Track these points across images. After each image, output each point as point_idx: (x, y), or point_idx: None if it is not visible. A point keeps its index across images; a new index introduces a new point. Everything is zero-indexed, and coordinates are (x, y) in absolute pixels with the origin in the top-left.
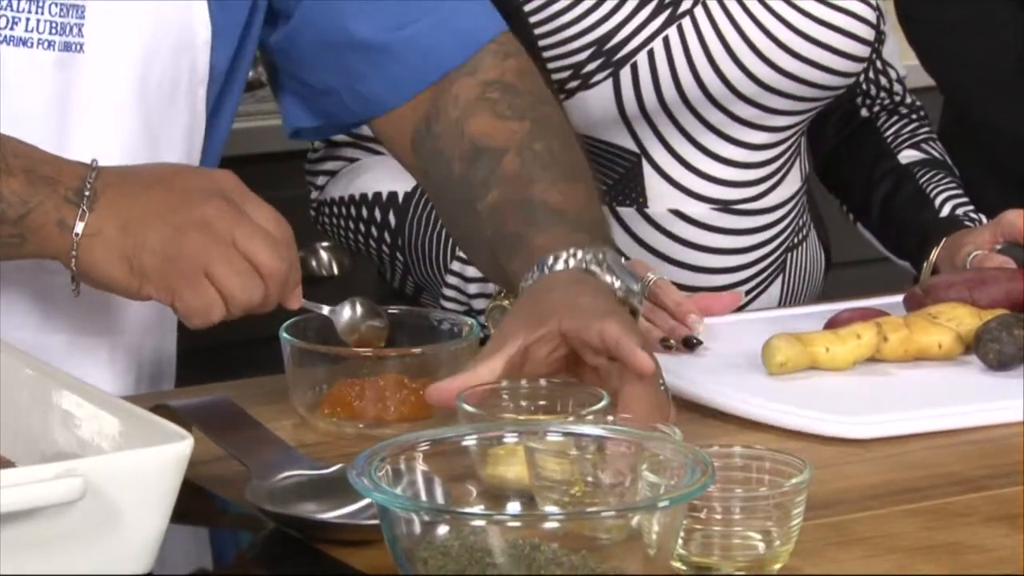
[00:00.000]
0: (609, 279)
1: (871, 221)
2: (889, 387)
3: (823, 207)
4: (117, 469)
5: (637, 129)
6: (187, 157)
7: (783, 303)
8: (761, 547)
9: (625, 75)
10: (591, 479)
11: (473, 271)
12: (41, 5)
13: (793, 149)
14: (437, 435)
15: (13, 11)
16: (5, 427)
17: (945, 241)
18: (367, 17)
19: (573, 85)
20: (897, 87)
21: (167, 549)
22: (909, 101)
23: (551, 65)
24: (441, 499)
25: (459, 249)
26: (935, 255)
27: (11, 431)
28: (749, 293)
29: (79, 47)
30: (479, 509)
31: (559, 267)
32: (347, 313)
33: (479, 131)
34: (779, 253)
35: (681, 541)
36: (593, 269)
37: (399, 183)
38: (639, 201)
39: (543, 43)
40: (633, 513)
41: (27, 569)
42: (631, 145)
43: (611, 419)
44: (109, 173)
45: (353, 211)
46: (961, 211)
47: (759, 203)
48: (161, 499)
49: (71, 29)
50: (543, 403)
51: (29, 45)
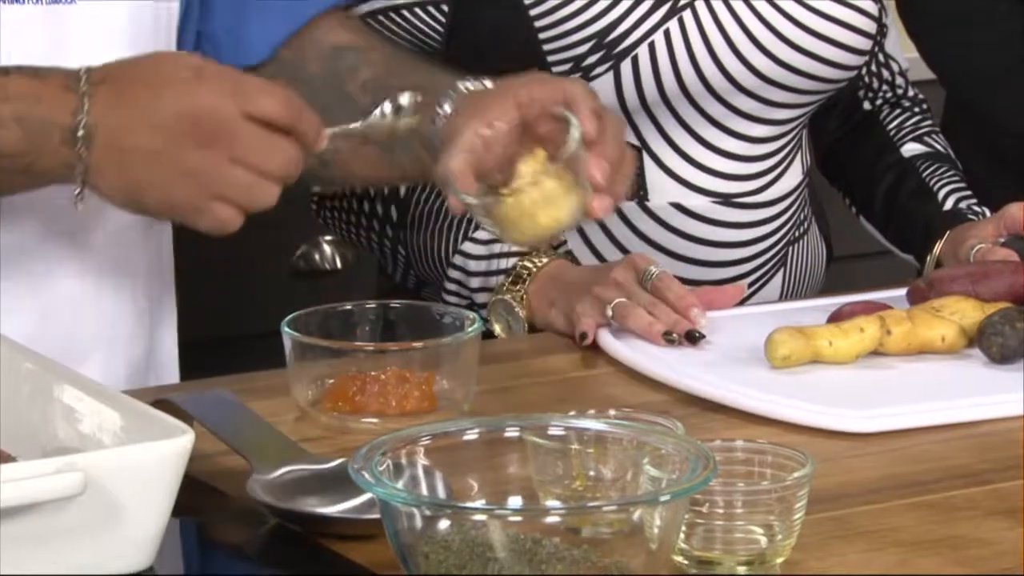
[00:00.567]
0: None
1: (874, 215)
2: (892, 381)
3: (825, 200)
4: (118, 464)
5: (638, 122)
6: None
7: (784, 297)
8: (763, 541)
9: (626, 68)
10: (593, 473)
11: (475, 265)
12: None
13: (794, 142)
14: (438, 429)
15: None
16: (5, 421)
17: (948, 234)
18: None
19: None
20: (900, 80)
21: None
22: (912, 94)
23: (552, 58)
24: (442, 494)
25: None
26: (938, 248)
27: (11, 425)
28: (750, 287)
29: None
30: (480, 504)
31: (474, 87)
32: (377, 116)
33: (339, 39)
34: (781, 246)
35: (683, 535)
36: None
37: None
38: (640, 194)
39: (544, 36)
40: (635, 507)
41: (28, 564)
42: (631, 138)
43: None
44: (99, 102)
45: (355, 205)
46: (964, 204)
47: (760, 196)
48: (162, 494)
49: None
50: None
51: (20, 1)
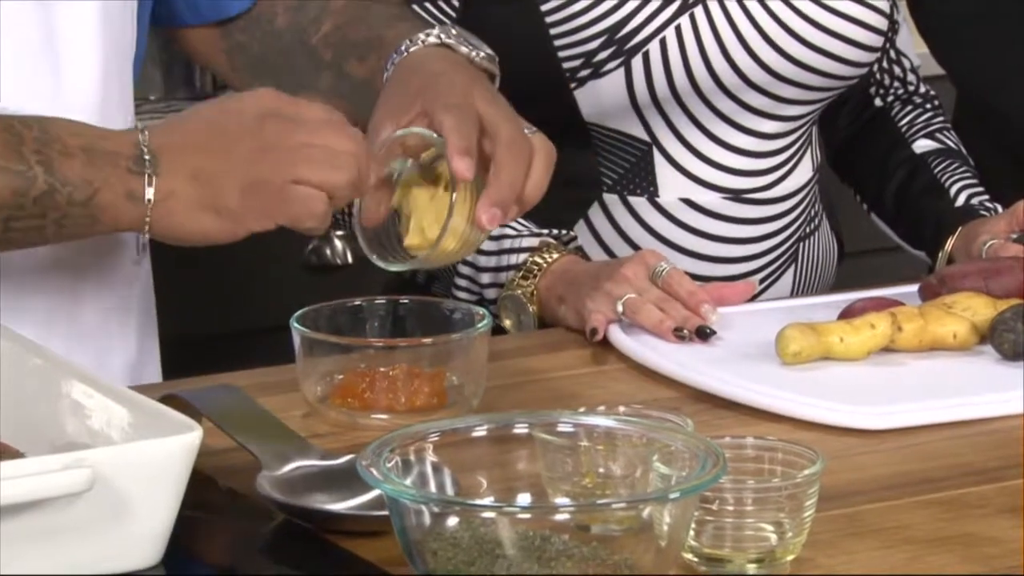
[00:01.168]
0: (465, 50)
1: (885, 211)
2: (903, 377)
3: (836, 196)
4: (126, 460)
5: (648, 118)
6: (128, 75)
7: (795, 293)
8: (773, 539)
9: (637, 64)
10: (602, 470)
11: (486, 260)
12: None
13: (805, 138)
14: (447, 426)
15: None
16: (13, 417)
17: (960, 230)
18: None
19: (584, 74)
20: (911, 76)
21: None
22: (923, 90)
23: (562, 54)
24: (451, 490)
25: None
26: (950, 244)
27: (19, 421)
28: (761, 282)
29: None
30: (489, 501)
31: (415, 48)
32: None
33: None
34: (791, 242)
35: (693, 533)
36: (449, 42)
37: None
38: (650, 190)
39: (555, 31)
40: (644, 505)
41: (36, 560)
42: (642, 134)
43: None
44: (159, 133)
45: None
46: (976, 200)
47: (771, 192)
48: (170, 490)
49: None
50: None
51: None
